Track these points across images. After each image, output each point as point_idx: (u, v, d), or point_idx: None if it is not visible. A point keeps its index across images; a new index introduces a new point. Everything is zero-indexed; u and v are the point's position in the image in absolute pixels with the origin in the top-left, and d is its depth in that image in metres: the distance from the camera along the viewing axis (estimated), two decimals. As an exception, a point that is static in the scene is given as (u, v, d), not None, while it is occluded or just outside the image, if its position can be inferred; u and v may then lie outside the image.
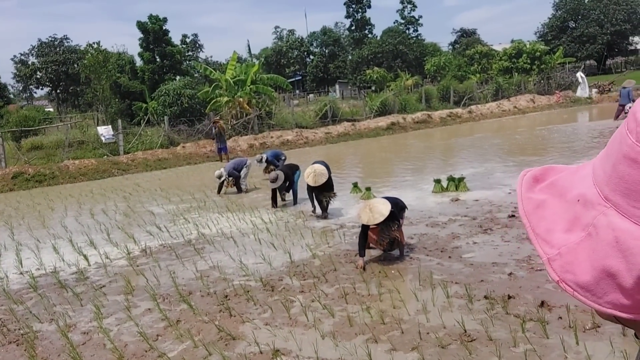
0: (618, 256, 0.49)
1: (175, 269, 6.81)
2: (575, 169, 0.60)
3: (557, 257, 0.54)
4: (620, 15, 54.93)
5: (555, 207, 0.57)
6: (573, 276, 0.53)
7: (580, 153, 13.40)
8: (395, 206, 6.56)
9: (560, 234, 0.55)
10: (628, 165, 0.50)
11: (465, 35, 69.50)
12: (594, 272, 0.51)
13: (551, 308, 4.68)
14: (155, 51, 41.16)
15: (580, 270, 0.52)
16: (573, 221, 0.55)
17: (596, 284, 0.51)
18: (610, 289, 0.50)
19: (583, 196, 0.55)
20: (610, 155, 0.54)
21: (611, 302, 0.51)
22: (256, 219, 9.21)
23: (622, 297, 0.50)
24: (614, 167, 0.52)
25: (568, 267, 0.53)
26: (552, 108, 28.46)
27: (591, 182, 0.55)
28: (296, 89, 60.89)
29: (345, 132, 23.21)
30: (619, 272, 0.49)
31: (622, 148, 0.52)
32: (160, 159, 19.46)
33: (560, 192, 0.58)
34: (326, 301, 5.30)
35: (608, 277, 0.50)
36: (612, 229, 0.50)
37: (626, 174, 0.50)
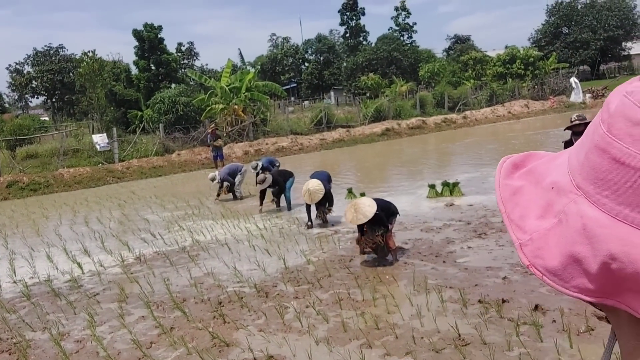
0: (585, 243, 0.50)
1: (169, 276, 6.79)
2: (554, 156, 0.61)
3: (529, 242, 0.55)
4: (613, 21, 55.34)
5: (531, 194, 0.58)
6: (542, 261, 0.54)
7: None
8: (385, 210, 6.58)
9: (533, 220, 0.56)
10: (598, 155, 0.52)
11: (459, 41, 69.83)
12: (562, 257, 0.52)
13: (545, 311, 4.69)
14: (150, 59, 41.16)
15: (549, 255, 0.53)
16: (546, 208, 0.56)
17: (563, 269, 0.52)
18: (576, 273, 0.52)
19: (557, 183, 0.56)
20: (584, 144, 0.55)
21: (577, 286, 0.52)
22: (251, 226, 9.20)
23: (587, 281, 0.51)
24: (586, 156, 0.54)
25: (538, 252, 0.54)
26: (547, 113, 28.61)
27: (566, 170, 0.56)
28: (291, 96, 61.00)
29: (340, 139, 23.25)
30: (585, 258, 0.50)
31: (594, 138, 0.53)
32: (155, 167, 19.43)
33: (537, 179, 0.59)
34: (320, 307, 5.29)
35: (575, 263, 0.51)
36: (580, 216, 0.52)
37: (596, 163, 0.52)
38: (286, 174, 10.51)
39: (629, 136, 0.49)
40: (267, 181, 9.90)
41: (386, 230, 6.46)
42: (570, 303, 4.76)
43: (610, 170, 0.50)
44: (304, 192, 8.33)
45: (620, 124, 0.50)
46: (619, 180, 0.50)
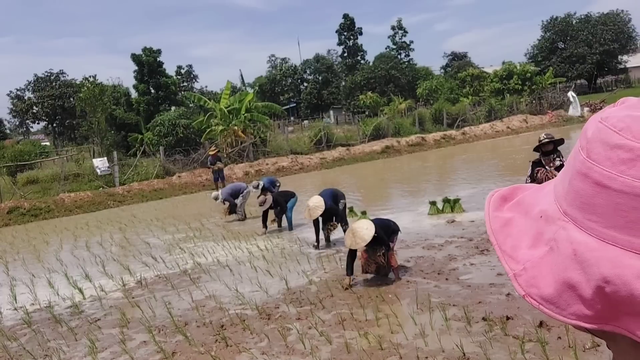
0: (577, 268, 0.51)
1: (170, 300, 6.75)
2: (541, 186, 0.62)
3: (523, 272, 0.55)
4: (608, 35, 55.86)
5: (521, 225, 0.59)
6: (537, 290, 0.54)
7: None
8: (385, 229, 6.58)
9: (525, 250, 0.56)
10: (580, 180, 0.53)
11: (456, 58, 70.40)
12: (556, 284, 0.52)
13: (550, 328, 4.64)
14: (150, 83, 41.49)
15: (544, 283, 0.53)
16: (537, 237, 0.56)
17: (559, 296, 0.52)
18: (572, 300, 0.51)
19: (545, 212, 0.56)
20: (567, 172, 0.56)
21: (574, 313, 0.52)
22: (252, 247, 9.17)
23: (584, 307, 0.51)
24: (570, 183, 0.54)
25: (532, 282, 0.54)
26: (545, 127, 28.69)
27: (552, 198, 0.57)
28: (290, 116, 61.34)
29: (340, 157, 23.30)
30: (579, 284, 0.50)
31: (576, 164, 0.54)
32: (156, 189, 19.45)
33: (525, 210, 0.60)
34: (323, 328, 5.24)
35: (569, 289, 0.51)
36: (570, 242, 0.52)
37: (580, 189, 0.53)
38: (288, 194, 10.49)
39: (607, 160, 0.51)
40: (267, 202, 9.95)
41: (388, 249, 6.44)
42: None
43: (593, 194, 0.51)
44: (306, 209, 8.32)
45: (598, 148, 0.52)
46: (604, 203, 0.50)
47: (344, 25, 65.42)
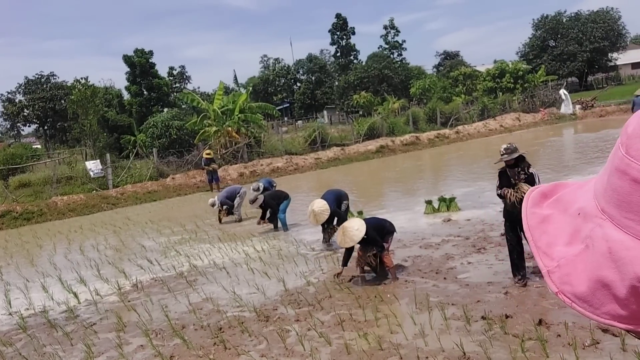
0: (611, 266, 0.50)
1: (167, 303, 6.70)
2: (582, 183, 0.62)
3: (556, 269, 0.55)
4: (599, 32, 56.16)
5: (559, 222, 0.59)
6: (571, 287, 0.54)
7: (571, 168, 13.51)
8: (379, 229, 6.60)
9: (561, 247, 0.56)
10: (619, 177, 0.52)
11: (448, 57, 70.59)
12: (590, 282, 0.52)
13: (549, 326, 4.64)
14: (142, 84, 41.37)
15: (578, 281, 0.53)
16: (574, 234, 0.56)
17: (592, 294, 0.52)
18: (606, 299, 0.51)
19: (583, 209, 0.56)
20: (606, 169, 0.56)
21: (608, 312, 0.51)
22: (249, 249, 9.12)
23: (618, 307, 0.50)
24: (608, 180, 0.54)
25: (566, 279, 0.54)
26: (538, 125, 28.83)
27: (592, 196, 0.56)
28: (284, 116, 61.26)
29: (335, 157, 23.27)
30: (613, 282, 0.50)
31: (614, 161, 0.53)
32: (150, 192, 19.33)
33: (564, 207, 0.59)
34: (322, 329, 5.22)
35: (603, 288, 0.51)
36: (606, 240, 0.51)
37: (618, 186, 0.52)
38: (281, 195, 10.45)
39: None
40: (258, 201, 10.06)
41: (381, 250, 6.44)
42: (574, 316, 4.72)
43: (631, 192, 0.50)
44: (309, 213, 8.08)
45: (638, 144, 0.51)
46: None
47: (337, 25, 65.42)
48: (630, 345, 4.07)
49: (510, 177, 5.79)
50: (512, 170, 5.79)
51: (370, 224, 6.60)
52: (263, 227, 10.42)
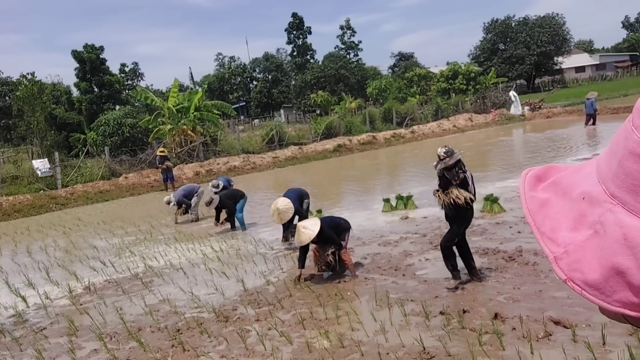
0: (627, 253, 0.49)
1: (122, 305, 6.50)
2: (578, 167, 0.60)
3: (564, 255, 0.54)
4: (545, 37, 58.45)
5: (560, 206, 0.57)
6: (581, 274, 0.52)
7: (523, 167, 13.98)
8: (335, 227, 6.67)
9: (566, 232, 0.55)
10: (635, 161, 0.50)
11: (403, 58, 71.81)
12: (603, 270, 0.51)
13: (504, 319, 4.78)
14: (92, 81, 40.03)
15: (589, 268, 0.52)
16: (579, 219, 0.54)
17: (605, 282, 0.51)
18: (619, 287, 0.50)
19: (588, 194, 0.54)
20: (615, 152, 0.54)
21: (620, 300, 0.50)
22: (206, 248, 8.97)
23: (632, 294, 0.49)
24: (619, 164, 0.52)
25: (576, 266, 0.53)
26: (489, 126, 29.70)
27: (596, 180, 0.55)
28: (241, 115, 60.67)
29: (292, 156, 23.23)
30: (628, 270, 0.49)
31: (628, 144, 0.51)
32: (101, 191, 18.74)
33: (564, 191, 0.58)
34: (283, 328, 5.19)
35: (617, 275, 0.50)
36: (620, 226, 0.50)
37: (633, 170, 0.50)
38: (237, 195, 10.32)
39: None
40: (215, 202, 9.88)
41: (339, 248, 6.49)
42: (527, 310, 4.89)
43: None
44: (272, 211, 7.88)
45: None
46: None
47: (293, 24, 65.34)
48: (581, 337, 4.25)
49: (450, 178, 5.77)
50: (450, 172, 5.78)
51: (325, 222, 6.66)
52: (220, 227, 10.28)
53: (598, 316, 4.57)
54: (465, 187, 5.72)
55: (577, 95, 37.75)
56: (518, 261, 6.36)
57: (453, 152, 5.82)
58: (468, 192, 5.72)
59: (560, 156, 15.02)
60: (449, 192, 5.69)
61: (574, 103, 33.08)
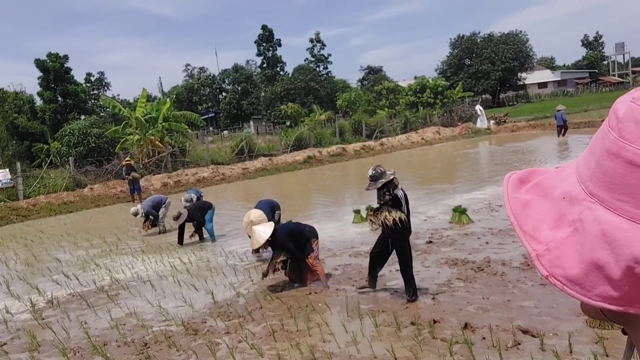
0: (605, 248, 0.51)
1: (87, 319, 6.31)
2: (559, 169, 0.62)
3: (546, 252, 0.55)
4: (509, 53, 60.23)
5: (541, 206, 0.59)
6: (562, 270, 0.54)
7: (484, 178, 14.26)
8: (297, 235, 6.70)
9: (547, 231, 0.56)
10: (611, 160, 0.52)
11: (372, 72, 72.75)
12: (582, 265, 0.52)
13: (474, 329, 4.84)
14: (56, 90, 39.14)
15: (569, 264, 0.53)
16: (559, 218, 0.56)
17: (585, 276, 0.52)
18: (599, 281, 0.51)
19: (568, 193, 0.56)
20: (593, 153, 0.56)
21: (600, 294, 0.52)
22: (174, 260, 8.81)
23: (611, 289, 0.51)
24: (597, 163, 0.54)
25: (556, 262, 0.54)
26: (456, 139, 30.28)
27: (575, 180, 0.57)
28: (210, 126, 60.23)
29: (262, 167, 23.14)
30: (607, 264, 0.50)
31: (605, 144, 0.54)
32: (65, 202, 18.22)
33: (545, 192, 0.60)
34: (254, 341, 5.12)
35: (596, 270, 0.51)
36: (598, 222, 0.52)
37: (610, 169, 0.52)
38: (205, 206, 10.23)
39: None
40: (183, 216, 9.76)
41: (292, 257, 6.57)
42: (496, 320, 4.96)
43: (625, 174, 0.51)
44: (246, 224, 7.59)
45: (631, 128, 0.52)
46: (635, 183, 0.50)
47: (263, 36, 65.53)
48: (548, 345, 4.33)
49: (377, 197, 5.79)
50: (379, 191, 5.81)
51: (283, 229, 6.72)
52: (190, 239, 10.12)
53: (565, 325, 4.68)
54: (398, 206, 5.70)
55: (540, 110, 38.93)
56: (487, 271, 6.46)
57: (382, 174, 5.75)
58: (401, 211, 5.68)
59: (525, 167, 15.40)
60: (380, 212, 5.68)
61: (537, 117, 34.08)
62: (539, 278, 5.93)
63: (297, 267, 6.76)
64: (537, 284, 5.78)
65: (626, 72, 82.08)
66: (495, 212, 9.81)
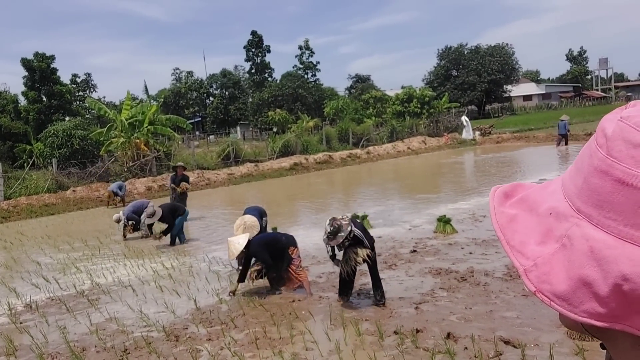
0: (593, 265, 0.51)
1: (66, 324, 6.21)
2: (544, 185, 0.63)
3: (533, 268, 0.55)
4: (495, 65, 60.99)
5: (527, 221, 0.59)
6: (550, 286, 0.54)
7: (469, 189, 14.38)
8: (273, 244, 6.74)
9: (534, 246, 0.56)
10: (599, 177, 0.53)
11: (360, 80, 73.13)
12: (570, 281, 0.53)
13: (457, 339, 4.85)
14: (41, 90, 38.72)
15: (557, 280, 0.54)
16: (546, 233, 0.56)
17: (572, 293, 0.52)
18: (586, 298, 0.52)
19: (555, 209, 0.57)
20: (580, 170, 0.56)
21: (587, 311, 0.52)
22: (157, 265, 8.72)
23: (598, 305, 0.51)
24: (585, 180, 0.55)
25: (544, 278, 0.54)
26: (442, 149, 30.50)
27: (562, 196, 0.57)
28: (196, 130, 59.94)
29: (248, 173, 23.06)
30: (595, 281, 0.51)
31: (593, 162, 0.54)
32: (47, 205, 17.96)
33: (530, 207, 0.60)
34: (236, 348, 5.08)
35: (584, 286, 0.52)
36: (586, 239, 0.52)
37: (598, 186, 0.53)
38: (179, 209, 10.38)
39: (630, 158, 0.51)
40: (157, 215, 9.98)
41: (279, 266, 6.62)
42: (479, 330, 4.98)
43: (613, 191, 0.51)
44: (238, 225, 7.50)
45: (620, 146, 0.52)
46: (624, 201, 0.51)
47: (252, 42, 65.55)
48: (529, 356, 4.36)
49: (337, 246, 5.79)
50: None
51: (258, 240, 6.76)
52: (160, 241, 10.23)
53: (546, 336, 4.71)
54: (360, 243, 5.76)
55: (524, 123, 39.43)
56: (470, 281, 6.49)
57: (340, 228, 5.64)
58: (364, 246, 5.75)
59: (509, 178, 15.55)
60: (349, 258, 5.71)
61: (522, 130, 34.49)
62: (521, 289, 5.98)
63: (277, 276, 6.80)
64: (519, 295, 5.82)
65: (609, 87, 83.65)
66: (479, 222, 9.89)
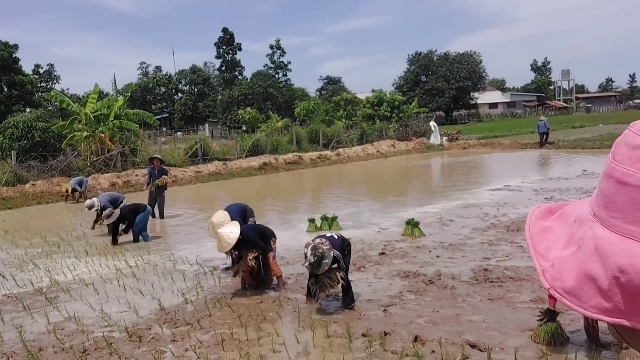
0: (596, 260, 0.55)
1: (22, 322, 5.96)
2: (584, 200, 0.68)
3: (550, 268, 0.61)
4: (463, 73, 62.16)
5: (559, 231, 0.65)
6: (561, 283, 0.59)
7: (436, 193, 14.56)
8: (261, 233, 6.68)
9: (557, 250, 0.62)
10: (606, 180, 0.59)
11: (331, 82, 73.39)
12: (577, 277, 0.57)
13: (424, 342, 4.86)
14: (2, 80, 37.35)
15: (567, 277, 0.58)
16: (569, 239, 0.62)
17: (580, 287, 0.57)
18: (592, 293, 0.56)
19: (579, 217, 0.62)
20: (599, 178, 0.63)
21: (595, 306, 0.56)
22: (120, 263, 8.48)
23: (603, 300, 0.55)
24: (598, 185, 0.61)
25: (557, 276, 0.60)
26: (410, 153, 30.84)
27: (588, 205, 0.63)
28: (163, 126, 58.91)
29: (216, 171, 22.76)
30: (598, 275, 0.55)
31: (605, 169, 0.60)
32: (4, 198, 17.29)
33: (565, 219, 0.66)
34: (201, 349, 4.96)
35: (589, 281, 0.56)
36: (593, 237, 0.57)
37: (605, 188, 0.59)
38: (139, 208, 10.23)
39: (628, 159, 0.56)
40: (114, 216, 9.87)
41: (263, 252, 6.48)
42: (446, 333, 5.01)
43: (615, 192, 0.57)
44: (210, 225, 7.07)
45: (622, 150, 0.58)
46: (623, 199, 0.56)
47: (223, 39, 64.93)
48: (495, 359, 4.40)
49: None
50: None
51: (250, 228, 6.69)
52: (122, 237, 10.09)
53: (511, 340, 4.77)
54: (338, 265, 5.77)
55: (490, 130, 40.24)
56: (437, 285, 6.54)
57: (323, 255, 5.50)
58: (340, 268, 5.75)
59: (475, 183, 15.81)
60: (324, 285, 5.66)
61: (488, 136, 35.20)
62: (487, 293, 6.06)
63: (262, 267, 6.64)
64: (485, 299, 5.89)
65: (570, 98, 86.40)
66: (446, 226, 10.00)
